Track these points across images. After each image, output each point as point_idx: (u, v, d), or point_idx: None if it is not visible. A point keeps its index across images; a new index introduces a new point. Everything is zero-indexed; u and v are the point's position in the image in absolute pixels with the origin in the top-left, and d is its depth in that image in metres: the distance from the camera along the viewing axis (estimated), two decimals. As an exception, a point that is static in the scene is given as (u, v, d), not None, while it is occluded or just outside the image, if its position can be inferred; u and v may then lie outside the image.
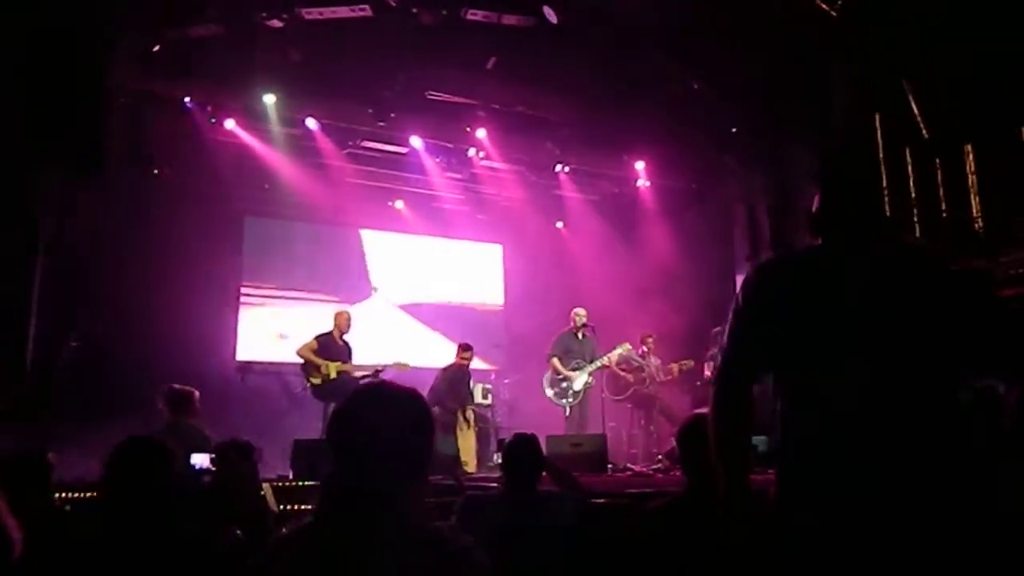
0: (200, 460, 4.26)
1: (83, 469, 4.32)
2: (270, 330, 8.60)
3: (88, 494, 4.16)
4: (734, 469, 1.73)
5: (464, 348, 7.70)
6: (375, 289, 9.54)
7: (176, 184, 7.93)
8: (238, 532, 2.72)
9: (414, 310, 9.70)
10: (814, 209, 1.91)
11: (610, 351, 7.55)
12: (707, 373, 7.60)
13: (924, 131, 7.03)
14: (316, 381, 6.86)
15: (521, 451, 3.09)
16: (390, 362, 7.07)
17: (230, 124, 7.74)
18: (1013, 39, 5.70)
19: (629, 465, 6.84)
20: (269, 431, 6.49)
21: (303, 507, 4.84)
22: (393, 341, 8.85)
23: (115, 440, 2.36)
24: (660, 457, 6.93)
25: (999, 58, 6.30)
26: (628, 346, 7.68)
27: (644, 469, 6.47)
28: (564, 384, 7.53)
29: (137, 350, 7.11)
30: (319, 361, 6.86)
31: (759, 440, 2.45)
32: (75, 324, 6.88)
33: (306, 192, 8.50)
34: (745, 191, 8.25)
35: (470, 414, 7.39)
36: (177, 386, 5.13)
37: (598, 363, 7.53)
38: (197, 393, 5.13)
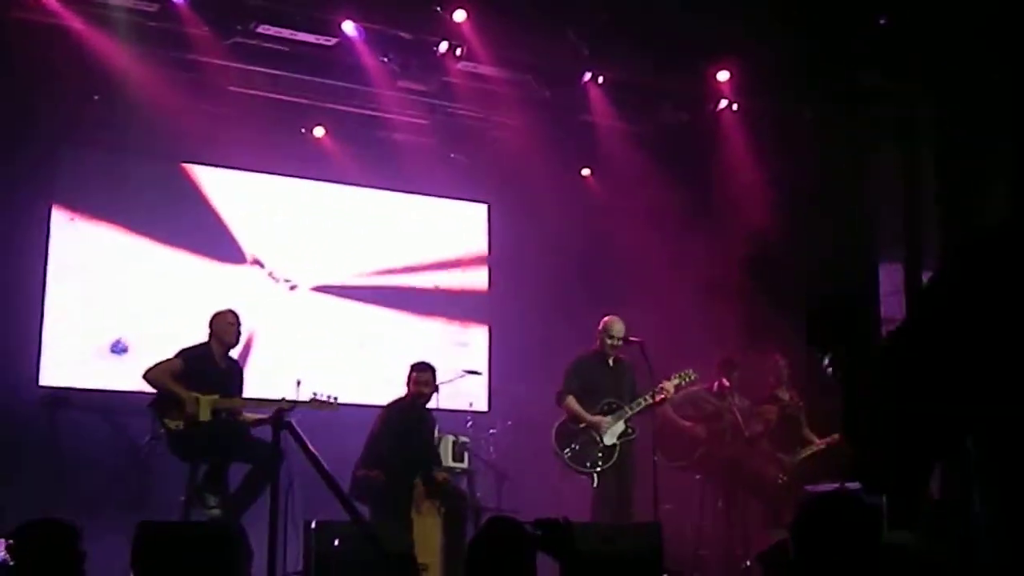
0: None
1: None
2: (98, 335, 8.36)
3: None
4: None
5: (420, 369, 7.41)
6: (273, 275, 9.17)
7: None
8: None
9: (342, 310, 9.48)
10: None
11: (663, 384, 7.36)
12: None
13: None
14: (175, 424, 6.59)
15: (500, 550, 3.16)
16: (305, 398, 6.80)
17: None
18: None
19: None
20: (95, 505, 6.58)
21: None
22: (308, 358, 8.66)
23: None
24: (748, 563, 7.02)
25: None
26: (693, 374, 7.52)
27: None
28: (587, 436, 7.34)
29: None
30: (182, 393, 6.60)
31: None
32: None
33: (162, 109, 7.99)
34: (898, 124, 7.69)
35: (440, 475, 7.24)
36: None
37: (642, 403, 7.38)
38: None
